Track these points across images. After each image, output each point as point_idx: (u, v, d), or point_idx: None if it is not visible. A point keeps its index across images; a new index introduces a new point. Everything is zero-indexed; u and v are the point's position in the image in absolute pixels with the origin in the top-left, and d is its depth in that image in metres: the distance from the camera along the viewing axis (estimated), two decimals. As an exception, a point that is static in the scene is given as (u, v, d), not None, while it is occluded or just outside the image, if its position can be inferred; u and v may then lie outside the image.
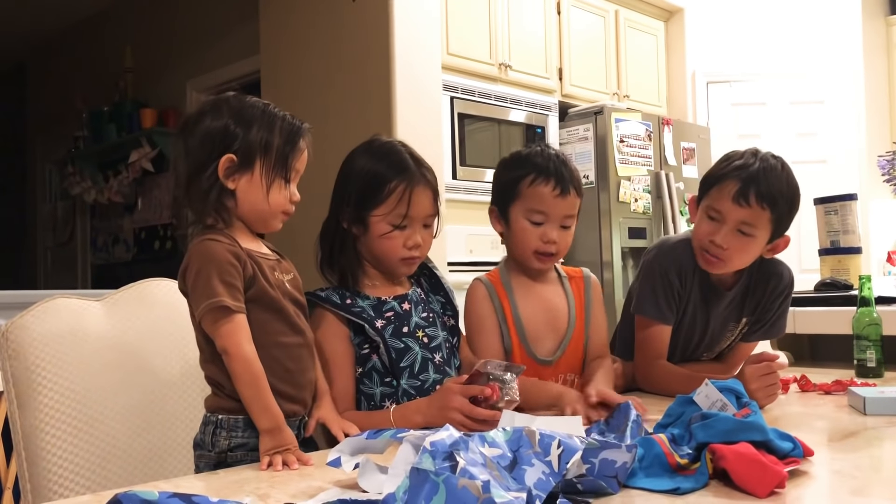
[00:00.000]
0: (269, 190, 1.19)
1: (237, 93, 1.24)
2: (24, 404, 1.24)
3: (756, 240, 1.62)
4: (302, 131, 1.23)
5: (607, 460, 0.88)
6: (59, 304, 1.33)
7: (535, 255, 1.56)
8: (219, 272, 1.12)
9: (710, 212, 1.65)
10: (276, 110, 1.22)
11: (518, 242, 1.57)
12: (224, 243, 1.15)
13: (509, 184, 1.56)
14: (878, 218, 4.69)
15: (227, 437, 1.17)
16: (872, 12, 4.87)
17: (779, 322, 1.81)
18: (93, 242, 5.80)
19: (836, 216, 2.64)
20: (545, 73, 3.92)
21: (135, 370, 1.37)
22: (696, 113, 4.66)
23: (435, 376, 1.42)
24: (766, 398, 1.42)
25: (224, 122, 1.18)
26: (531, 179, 1.52)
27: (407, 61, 3.17)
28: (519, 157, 1.59)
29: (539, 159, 1.54)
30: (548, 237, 1.53)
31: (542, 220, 1.53)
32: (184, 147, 1.19)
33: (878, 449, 1.19)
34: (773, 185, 1.58)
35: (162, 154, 4.95)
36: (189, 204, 1.19)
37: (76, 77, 5.88)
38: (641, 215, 3.92)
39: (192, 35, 4.83)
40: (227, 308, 1.11)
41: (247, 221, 1.21)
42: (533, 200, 1.53)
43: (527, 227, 1.54)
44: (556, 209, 1.53)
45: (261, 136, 1.18)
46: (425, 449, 0.80)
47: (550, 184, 1.51)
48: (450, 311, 1.53)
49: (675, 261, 1.71)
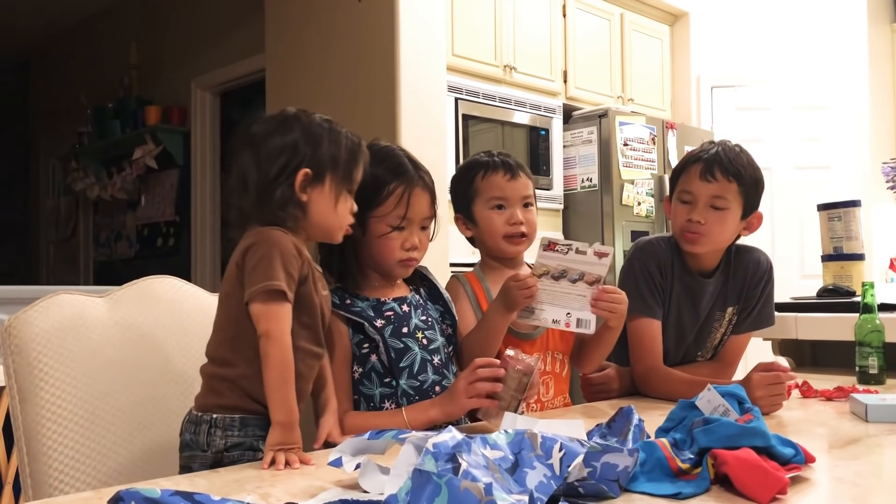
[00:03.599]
0: (337, 202, 1.26)
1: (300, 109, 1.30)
2: (25, 399, 1.24)
3: (730, 212, 1.72)
4: (362, 146, 1.31)
5: (609, 464, 0.88)
6: (62, 299, 1.33)
7: (507, 239, 1.64)
8: (283, 259, 1.16)
9: (682, 196, 1.76)
10: (339, 127, 1.29)
11: (488, 233, 1.65)
12: (290, 236, 1.20)
13: (465, 186, 1.67)
14: (881, 224, 4.69)
15: (223, 436, 1.17)
16: (877, 19, 4.86)
17: (765, 310, 1.85)
18: (95, 238, 5.81)
19: (840, 222, 2.64)
20: (550, 75, 3.92)
21: (137, 367, 1.38)
22: (700, 117, 4.66)
23: (434, 377, 1.43)
24: (769, 406, 1.43)
25: (294, 137, 1.24)
26: (482, 174, 1.65)
27: (412, 62, 3.17)
28: (465, 164, 1.74)
29: (483, 157, 1.68)
30: (514, 218, 1.63)
31: (503, 203, 1.63)
32: (253, 160, 1.24)
33: (879, 456, 1.18)
34: (734, 161, 1.71)
35: (166, 151, 4.96)
36: (259, 214, 1.23)
37: (81, 73, 5.89)
38: (644, 219, 3.92)
39: (197, 33, 4.83)
40: (283, 293, 1.15)
41: (312, 232, 1.27)
42: (490, 189, 1.64)
43: (492, 215, 1.64)
44: (512, 191, 1.63)
45: (330, 151, 1.25)
46: (428, 450, 0.80)
47: (500, 171, 1.63)
48: (448, 319, 1.54)
49: (653, 254, 1.78)
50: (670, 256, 1.78)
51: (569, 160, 3.91)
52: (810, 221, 3.18)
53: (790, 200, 4.49)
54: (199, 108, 4.87)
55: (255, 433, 1.18)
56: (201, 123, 4.87)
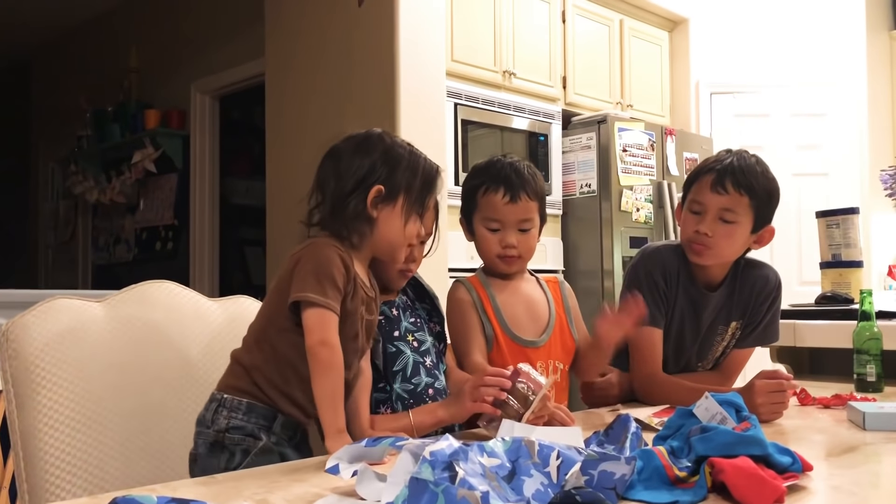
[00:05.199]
0: (407, 223, 1.31)
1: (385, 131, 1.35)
2: (22, 404, 1.24)
3: (739, 226, 1.67)
4: (440, 174, 1.37)
5: (606, 472, 0.88)
6: (60, 304, 1.33)
7: (499, 259, 1.61)
8: (332, 272, 1.20)
9: (692, 206, 1.72)
10: (419, 152, 1.35)
11: (481, 250, 1.64)
12: (341, 251, 1.24)
13: (468, 194, 1.64)
14: (879, 232, 4.69)
15: (227, 416, 1.21)
16: (876, 26, 4.88)
17: (770, 327, 1.82)
18: (94, 242, 5.80)
19: (838, 230, 2.64)
20: (549, 81, 3.93)
21: (134, 372, 1.37)
22: (699, 123, 4.66)
23: (427, 380, 1.44)
24: (769, 414, 1.43)
25: (374, 157, 1.29)
26: (483, 189, 1.59)
27: (411, 66, 3.18)
28: (476, 169, 1.66)
29: (492, 169, 1.60)
30: (506, 242, 1.59)
31: (497, 226, 1.59)
32: (333, 172, 1.30)
33: (877, 464, 1.18)
34: (748, 173, 1.66)
35: (165, 155, 4.96)
36: (331, 223, 1.28)
37: (81, 76, 5.89)
38: (643, 225, 3.92)
39: (197, 37, 4.84)
40: (331, 308, 1.19)
41: (377, 248, 1.32)
42: (487, 209, 1.59)
43: (486, 234, 1.61)
44: (508, 215, 1.57)
45: (406, 175, 1.30)
46: (424, 458, 0.80)
47: (500, 191, 1.57)
48: (436, 317, 1.56)
49: (659, 263, 1.75)
50: (676, 266, 1.75)
51: (567, 166, 3.92)
52: (809, 228, 3.18)
53: (789, 207, 4.49)
54: (198, 112, 4.87)
55: (258, 422, 1.21)
56: (201, 127, 4.87)
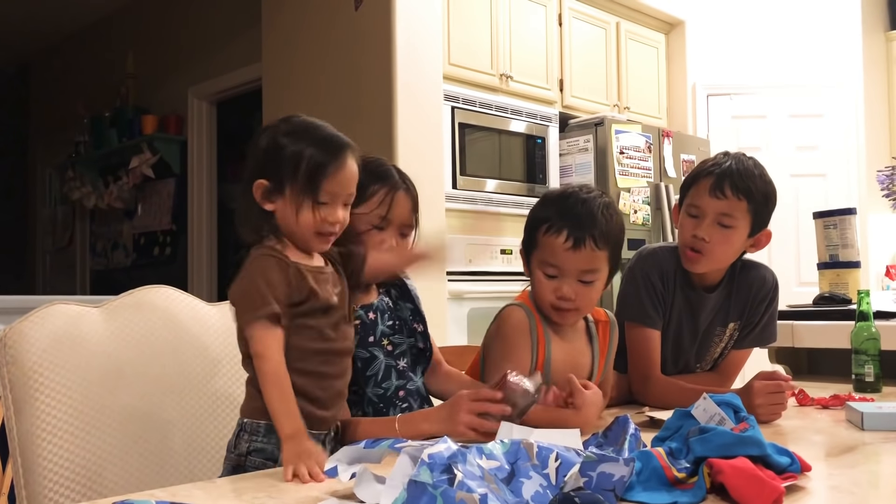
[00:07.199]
0: (299, 211, 1.20)
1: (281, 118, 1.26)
2: (20, 410, 1.24)
3: (736, 231, 1.67)
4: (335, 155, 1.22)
5: (605, 473, 0.88)
6: (57, 309, 1.32)
7: (553, 310, 1.44)
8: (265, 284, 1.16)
9: (690, 210, 1.71)
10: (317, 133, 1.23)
11: (536, 294, 1.47)
12: (275, 258, 1.19)
13: (529, 227, 1.47)
14: (876, 232, 4.70)
15: (248, 440, 1.20)
16: (873, 27, 4.89)
17: (768, 328, 1.82)
18: (92, 248, 5.80)
19: (835, 230, 2.65)
20: (546, 83, 3.93)
21: (132, 377, 1.37)
22: (696, 125, 4.67)
23: (398, 383, 1.42)
24: (768, 415, 1.43)
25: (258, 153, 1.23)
26: (546, 227, 1.41)
27: (408, 70, 3.18)
28: (545, 199, 1.49)
29: (562, 204, 1.42)
30: (561, 293, 1.41)
31: (555, 273, 1.41)
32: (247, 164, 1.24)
33: (875, 464, 1.19)
34: (746, 177, 1.65)
35: (162, 160, 4.96)
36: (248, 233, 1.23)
37: (78, 82, 5.89)
38: (640, 227, 3.92)
39: (194, 42, 4.84)
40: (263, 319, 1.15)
41: (289, 241, 1.25)
42: (545, 251, 1.42)
43: (542, 279, 1.43)
44: (568, 263, 1.40)
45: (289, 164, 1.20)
46: (423, 461, 0.80)
47: (563, 235, 1.38)
48: (418, 317, 1.51)
49: (656, 264, 1.75)
50: (674, 267, 1.74)
51: (565, 168, 3.92)
52: (806, 229, 3.19)
53: (787, 208, 4.49)
54: (195, 117, 4.87)
55: (278, 443, 1.17)
56: (198, 132, 4.87)
